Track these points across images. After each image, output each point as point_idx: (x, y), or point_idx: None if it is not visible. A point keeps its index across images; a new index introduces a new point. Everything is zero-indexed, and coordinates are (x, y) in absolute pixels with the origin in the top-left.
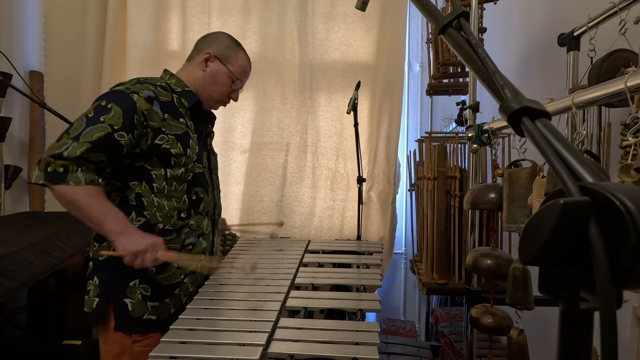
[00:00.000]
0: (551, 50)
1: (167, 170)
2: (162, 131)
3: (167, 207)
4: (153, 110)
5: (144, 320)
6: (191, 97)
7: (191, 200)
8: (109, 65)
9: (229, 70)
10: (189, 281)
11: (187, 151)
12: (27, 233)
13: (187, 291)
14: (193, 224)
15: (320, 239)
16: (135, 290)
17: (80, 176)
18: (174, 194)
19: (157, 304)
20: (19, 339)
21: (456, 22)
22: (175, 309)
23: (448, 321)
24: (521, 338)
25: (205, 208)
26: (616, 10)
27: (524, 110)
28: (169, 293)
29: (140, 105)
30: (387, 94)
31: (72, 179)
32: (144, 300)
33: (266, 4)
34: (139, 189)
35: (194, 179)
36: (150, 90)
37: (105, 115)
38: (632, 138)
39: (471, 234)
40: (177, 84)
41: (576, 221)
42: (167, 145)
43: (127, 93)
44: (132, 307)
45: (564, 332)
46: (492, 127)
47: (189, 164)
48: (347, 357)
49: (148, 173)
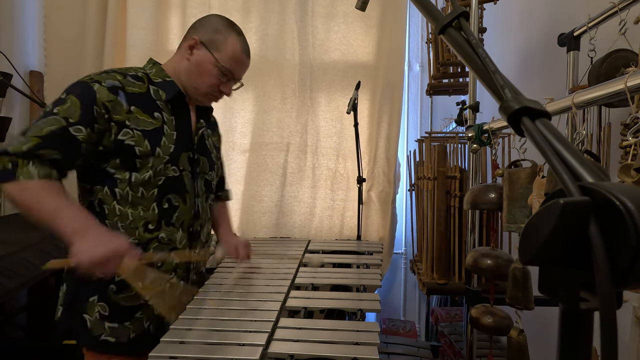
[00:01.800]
0: (551, 50)
1: (132, 174)
2: (127, 125)
3: (131, 216)
4: (117, 102)
5: (101, 341)
6: (170, 88)
7: (162, 209)
8: (109, 65)
9: (214, 58)
10: (154, 303)
11: (155, 150)
12: (27, 233)
13: (151, 315)
14: (163, 237)
15: (320, 239)
16: (94, 307)
17: (33, 170)
18: (140, 202)
19: (116, 326)
20: (19, 339)
21: (456, 22)
22: (135, 334)
23: (448, 321)
24: (521, 338)
25: (180, 218)
26: (616, 10)
27: (524, 110)
28: (128, 316)
29: (102, 95)
30: (387, 94)
31: (22, 174)
32: (101, 319)
33: (266, 4)
34: (101, 194)
35: (166, 184)
36: (115, 80)
37: (60, 106)
38: (632, 138)
39: (471, 234)
40: (157, 74)
41: (576, 221)
42: (132, 141)
43: (88, 83)
44: (90, 325)
45: (564, 332)
46: (492, 127)
47: (157, 166)
48: (347, 357)
49: (110, 176)
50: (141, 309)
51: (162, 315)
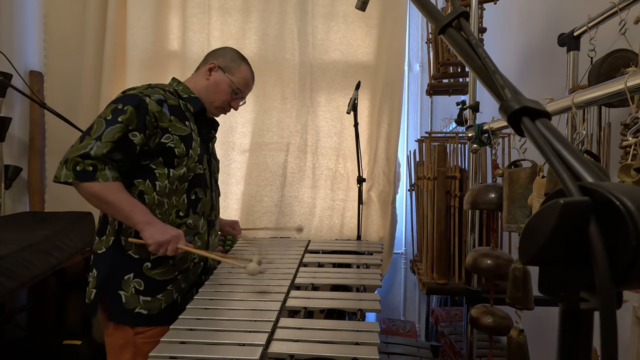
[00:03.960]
0: (551, 50)
1: (170, 170)
2: (169, 131)
3: (166, 205)
4: (162, 112)
5: (135, 314)
6: (197, 103)
7: (190, 199)
8: (109, 65)
9: (230, 80)
10: (181, 278)
11: (189, 152)
12: (27, 233)
13: (179, 288)
14: (190, 223)
15: (320, 239)
16: (129, 283)
17: (108, 174)
18: (174, 193)
19: (149, 299)
20: (19, 339)
21: (456, 22)
22: (166, 304)
23: (448, 321)
24: (521, 338)
25: (202, 208)
26: (616, 10)
27: (524, 110)
28: (161, 289)
29: (152, 107)
30: (387, 94)
31: (101, 177)
32: (136, 294)
33: (266, 4)
34: (143, 186)
35: (195, 179)
36: (160, 94)
37: (122, 116)
38: (632, 138)
39: (471, 234)
40: (184, 91)
41: (576, 221)
42: (172, 144)
43: (141, 96)
44: (126, 300)
45: (564, 332)
46: (492, 127)
47: (190, 164)
48: (347, 357)
49: (152, 172)
50: (172, 282)
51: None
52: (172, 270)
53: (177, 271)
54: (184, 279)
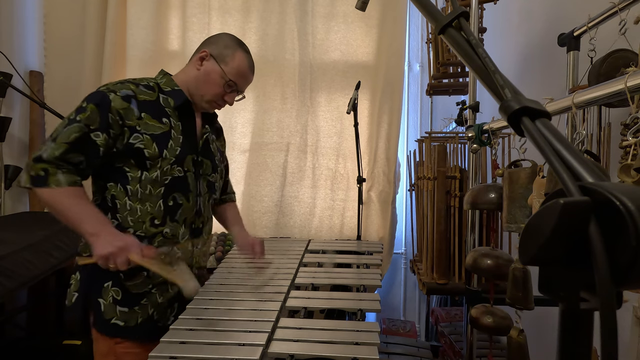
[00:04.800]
0: (551, 50)
1: (143, 173)
2: (137, 130)
3: (139, 211)
4: (130, 109)
5: (112, 324)
6: (178, 96)
7: (167, 206)
8: (109, 65)
9: (222, 70)
10: (157, 292)
11: (163, 152)
12: (27, 233)
13: (155, 302)
14: (168, 232)
15: (320, 239)
16: (108, 292)
17: (61, 178)
18: (148, 198)
19: (126, 310)
20: (19, 338)
21: (456, 22)
22: (142, 319)
23: (448, 321)
24: (521, 338)
25: (183, 215)
26: (616, 10)
27: (523, 110)
28: (136, 302)
29: (116, 104)
30: (387, 94)
31: (53, 182)
32: (114, 303)
33: (266, 4)
34: (114, 190)
35: (172, 184)
36: (129, 89)
37: (82, 114)
38: (632, 138)
39: (471, 234)
40: (167, 84)
41: (576, 221)
42: (141, 144)
43: (105, 92)
44: (104, 309)
45: (564, 332)
46: (492, 127)
47: (164, 167)
48: (347, 357)
49: (124, 175)
50: (146, 296)
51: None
52: (145, 283)
53: (152, 284)
54: (161, 293)
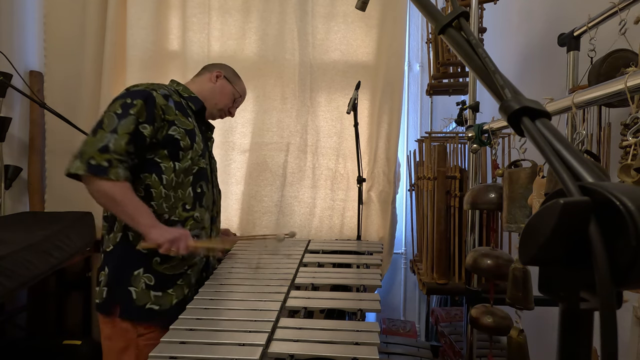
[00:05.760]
0: (551, 50)
1: (175, 163)
2: (175, 124)
3: (173, 198)
4: (168, 106)
5: (146, 310)
6: (197, 102)
7: (196, 193)
8: (109, 65)
9: (234, 88)
10: (191, 272)
11: (193, 145)
12: (27, 233)
13: (189, 282)
14: (198, 216)
15: (320, 239)
16: (139, 279)
17: (121, 172)
18: (180, 186)
19: (160, 294)
20: (19, 339)
21: (456, 22)
22: (177, 300)
23: (448, 321)
24: (521, 338)
25: (207, 202)
26: (616, 10)
27: (524, 110)
28: (171, 283)
29: (159, 100)
30: (387, 94)
31: (113, 174)
32: (147, 289)
33: (266, 4)
34: (149, 180)
35: (199, 173)
36: (165, 90)
37: (133, 109)
38: (632, 138)
39: (471, 234)
40: (184, 91)
41: (576, 221)
42: (178, 136)
43: (148, 90)
44: (136, 296)
45: (564, 332)
46: (492, 127)
47: (194, 158)
48: (347, 357)
49: (157, 165)
50: (182, 277)
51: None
52: (181, 265)
53: (187, 265)
54: (194, 274)
